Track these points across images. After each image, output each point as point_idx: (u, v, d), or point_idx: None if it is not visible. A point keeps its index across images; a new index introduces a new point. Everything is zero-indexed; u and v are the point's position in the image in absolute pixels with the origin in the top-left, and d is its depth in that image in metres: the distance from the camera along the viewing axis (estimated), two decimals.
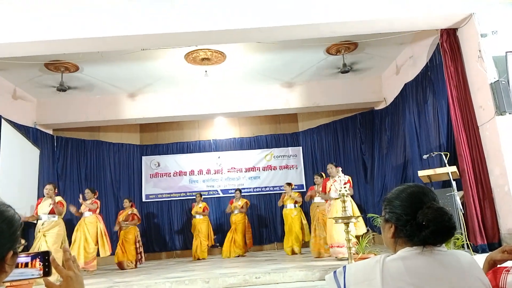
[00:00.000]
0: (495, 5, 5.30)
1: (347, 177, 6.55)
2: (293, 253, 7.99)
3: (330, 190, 6.57)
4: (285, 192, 8.52)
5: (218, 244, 9.40)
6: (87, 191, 7.46)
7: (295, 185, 9.63)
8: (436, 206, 1.20)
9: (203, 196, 9.36)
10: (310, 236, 7.41)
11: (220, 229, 9.76)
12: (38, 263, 1.11)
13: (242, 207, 8.73)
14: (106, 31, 5.21)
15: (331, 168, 6.70)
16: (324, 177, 7.28)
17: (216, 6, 5.28)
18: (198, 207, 8.89)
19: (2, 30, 5.14)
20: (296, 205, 8.23)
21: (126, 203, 8.23)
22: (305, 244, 8.45)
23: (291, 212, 8.20)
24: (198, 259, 8.56)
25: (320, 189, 7.04)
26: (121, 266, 7.66)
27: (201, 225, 8.78)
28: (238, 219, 8.68)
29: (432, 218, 1.17)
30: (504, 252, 1.39)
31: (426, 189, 1.28)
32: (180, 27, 5.24)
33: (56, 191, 6.67)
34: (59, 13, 5.20)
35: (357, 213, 6.43)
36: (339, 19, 5.28)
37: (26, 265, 1.10)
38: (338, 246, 6.15)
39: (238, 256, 8.45)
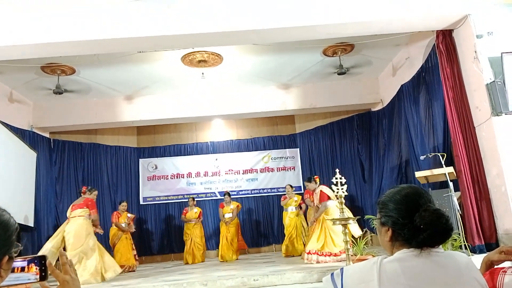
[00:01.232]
0: (491, 6, 5.32)
1: (319, 189, 6.55)
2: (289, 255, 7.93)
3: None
4: (285, 194, 8.51)
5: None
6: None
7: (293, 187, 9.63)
8: (432, 209, 1.19)
9: (200, 199, 9.31)
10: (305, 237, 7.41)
11: (219, 232, 9.69)
12: (34, 267, 1.10)
13: (233, 211, 8.57)
14: (103, 34, 5.19)
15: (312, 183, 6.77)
16: (312, 182, 7.15)
17: (213, 8, 5.28)
18: (194, 212, 8.76)
19: None
20: (296, 208, 8.21)
21: (125, 206, 8.17)
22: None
23: (292, 215, 8.18)
24: (200, 262, 8.47)
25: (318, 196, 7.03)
26: (130, 268, 7.57)
27: (195, 230, 8.64)
28: (231, 222, 8.55)
29: (429, 221, 1.16)
30: (501, 253, 1.38)
31: (420, 191, 1.27)
32: (177, 29, 5.24)
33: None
34: (55, 16, 5.18)
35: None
36: (335, 20, 5.29)
37: (23, 269, 1.09)
38: (325, 255, 6.01)
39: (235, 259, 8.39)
